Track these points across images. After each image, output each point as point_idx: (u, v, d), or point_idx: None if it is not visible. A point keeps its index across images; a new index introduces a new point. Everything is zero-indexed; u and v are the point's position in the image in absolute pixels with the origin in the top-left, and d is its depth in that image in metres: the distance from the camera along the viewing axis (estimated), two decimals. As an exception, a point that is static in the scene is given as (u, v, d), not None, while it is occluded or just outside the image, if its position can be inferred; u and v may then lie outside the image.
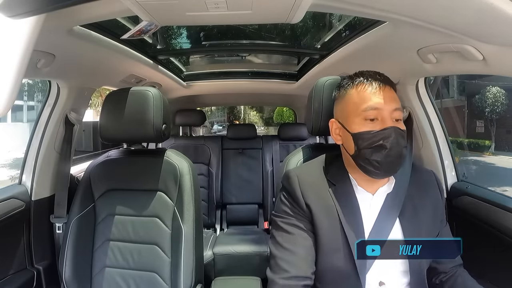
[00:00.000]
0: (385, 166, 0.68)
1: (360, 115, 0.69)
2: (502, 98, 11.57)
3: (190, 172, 1.05)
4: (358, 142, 0.69)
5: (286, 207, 0.75)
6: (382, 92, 0.69)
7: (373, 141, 0.67)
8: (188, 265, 0.98)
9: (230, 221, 2.28)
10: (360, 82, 0.72)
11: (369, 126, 0.68)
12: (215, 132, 15.65)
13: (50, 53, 0.92)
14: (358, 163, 0.70)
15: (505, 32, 0.64)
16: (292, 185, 0.75)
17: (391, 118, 0.68)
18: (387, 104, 0.68)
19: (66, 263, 1.02)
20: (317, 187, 0.74)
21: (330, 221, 0.71)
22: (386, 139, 0.66)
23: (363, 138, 0.68)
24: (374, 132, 0.67)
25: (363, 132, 0.68)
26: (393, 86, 0.72)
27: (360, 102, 0.70)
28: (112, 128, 1.04)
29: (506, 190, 6.54)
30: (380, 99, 0.69)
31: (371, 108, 0.68)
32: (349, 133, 0.71)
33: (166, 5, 0.71)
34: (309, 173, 0.78)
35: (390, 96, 0.70)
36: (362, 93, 0.70)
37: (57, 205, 1.19)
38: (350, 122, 0.71)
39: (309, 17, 1.46)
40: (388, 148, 0.66)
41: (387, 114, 0.68)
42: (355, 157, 0.71)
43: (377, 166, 0.67)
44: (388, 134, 0.67)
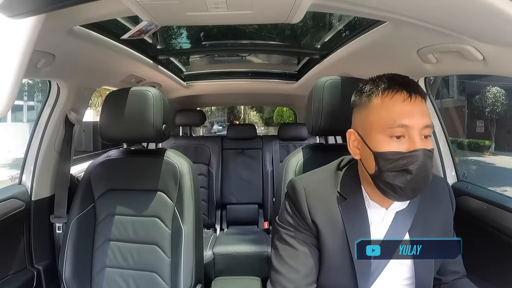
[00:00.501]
0: (407, 192, 0.61)
1: (385, 131, 0.60)
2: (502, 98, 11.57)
3: (190, 172, 1.05)
4: (380, 162, 0.61)
5: (291, 218, 0.70)
6: (413, 105, 0.60)
7: (397, 164, 0.59)
8: (188, 265, 0.98)
9: (230, 221, 2.28)
10: (386, 89, 0.62)
11: (394, 145, 0.60)
12: (215, 132, 15.65)
13: (50, 53, 0.92)
14: (377, 184, 0.63)
15: (505, 32, 0.64)
16: (298, 199, 0.69)
17: (420, 136, 0.60)
18: (418, 120, 0.59)
19: (66, 263, 1.02)
20: (325, 202, 0.69)
21: (336, 238, 0.67)
22: (413, 164, 0.58)
23: (386, 160, 0.60)
24: (401, 155, 0.59)
25: (388, 152, 0.60)
26: (423, 95, 0.62)
27: (386, 116, 0.60)
28: (112, 128, 1.04)
29: (506, 190, 6.54)
30: (410, 114, 0.59)
31: (400, 125, 0.59)
32: (370, 151, 0.62)
33: (166, 5, 0.71)
34: (317, 185, 0.71)
35: (422, 110, 0.60)
36: (389, 105, 0.61)
37: (57, 205, 1.19)
38: (372, 138, 0.62)
39: (309, 17, 1.46)
40: (414, 174, 0.58)
41: (417, 133, 0.59)
42: (375, 178, 0.63)
43: (399, 191, 0.60)
44: (417, 158, 0.58)
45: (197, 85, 2.23)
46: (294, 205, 0.70)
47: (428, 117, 0.61)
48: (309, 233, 0.68)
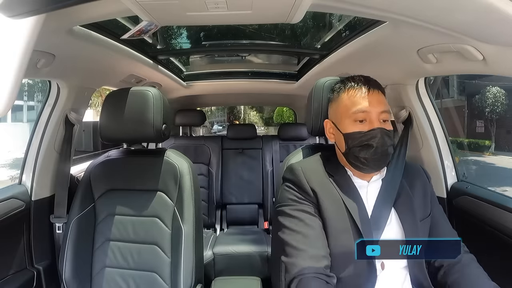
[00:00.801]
0: (372, 163, 0.75)
1: (351, 117, 0.76)
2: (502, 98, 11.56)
3: (190, 172, 1.05)
4: (348, 141, 0.77)
5: (291, 195, 0.79)
6: (370, 96, 0.76)
7: (361, 141, 0.75)
8: (188, 265, 0.98)
9: (230, 221, 2.28)
10: (351, 87, 0.78)
11: (358, 127, 0.76)
12: (215, 132, 15.65)
13: (50, 53, 0.92)
14: (348, 160, 0.78)
15: (505, 32, 0.64)
16: (296, 174, 0.80)
17: (379, 119, 0.75)
18: (375, 107, 0.75)
19: (66, 263, 1.02)
20: (319, 176, 0.80)
21: (334, 204, 0.76)
22: (373, 139, 0.74)
23: (353, 138, 0.76)
24: (363, 133, 0.75)
25: (353, 132, 0.76)
26: (381, 89, 0.78)
27: (350, 105, 0.77)
28: (112, 128, 1.04)
29: (506, 190, 6.54)
30: (368, 102, 0.75)
31: (360, 111, 0.75)
32: (341, 133, 0.78)
33: (166, 5, 0.71)
34: (310, 165, 0.84)
35: (378, 100, 0.76)
36: (352, 97, 0.77)
37: (57, 205, 1.19)
38: (342, 123, 0.79)
39: (309, 17, 1.46)
40: (375, 147, 0.74)
41: (375, 116, 0.75)
42: (346, 155, 0.79)
43: (365, 162, 0.75)
44: (375, 134, 0.74)
45: (197, 85, 2.23)
46: (293, 182, 0.81)
47: (385, 104, 0.77)
48: (310, 203, 0.77)
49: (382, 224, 0.75)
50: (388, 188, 0.79)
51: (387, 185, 0.80)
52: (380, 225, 0.75)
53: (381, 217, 0.76)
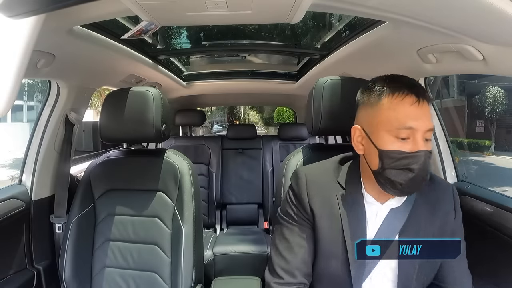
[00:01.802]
0: (406, 189, 0.65)
1: (392, 132, 0.63)
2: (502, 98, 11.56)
3: (190, 172, 1.05)
4: (384, 160, 0.64)
5: (290, 209, 0.74)
6: (420, 109, 0.63)
7: (401, 163, 0.63)
8: (188, 265, 0.98)
9: (230, 221, 2.28)
10: (396, 92, 0.64)
11: (399, 145, 0.63)
12: (215, 132, 15.65)
13: (50, 53, 0.92)
14: (378, 180, 0.66)
15: (505, 32, 0.64)
16: (299, 185, 0.73)
17: (423, 138, 0.63)
18: (423, 123, 0.62)
19: (66, 263, 1.02)
20: (325, 190, 0.72)
21: (332, 227, 0.70)
22: (415, 164, 0.62)
23: (391, 158, 0.63)
24: (405, 154, 0.62)
25: (393, 151, 0.63)
26: (429, 100, 0.65)
27: (394, 117, 0.63)
28: (112, 128, 1.04)
29: (506, 190, 6.54)
30: (417, 117, 0.62)
31: (406, 127, 0.62)
32: (376, 148, 0.65)
33: (166, 5, 0.71)
34: (319, 173, 0.75)
35: (427, 114, 0.63)
36: (398, 107, 0.63)
37: (57, 205, 1.19)
38: (378, 136, 0.65)
39: (309, 17, 1.46)
40: (415, 173, 0.62)
41: (421, 135, 0.63)
42: (377, 173, 0.66)
43: (399, 187, 0.64)
44: (419, 158, 0.62)
45: (197, 85, 2.23)
46: (295, 193, 0.74)
47: (431, 121, 0.64)
48: (306, 223, 0.72)
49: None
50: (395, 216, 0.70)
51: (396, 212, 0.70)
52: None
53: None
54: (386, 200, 0.70)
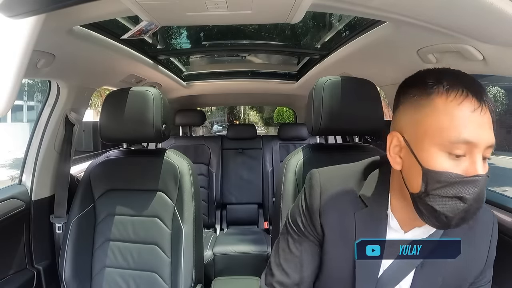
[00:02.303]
0: (453, 222, 0.49)
1: (444, 146, 0.48)
2: (502, 98, 11.58)
3: (190, 172, 1.05)
4: (430, 183, 0.49)
5: (300, 219, 0.64)
6: (483, 118, 0.47)
7: (452, 190, 0.47)
8: (188, 265, 0.98)
9: (230, 221, 2.28)
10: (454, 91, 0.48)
11: (451, 164, 0.48)
12: (215, 132, 15.65)
13: (50, 53, 0.92)
14: (417, 207, 0.52)
15: (505, 32, 0.64)
16: (312, 196, 0.62)
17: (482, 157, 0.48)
18: (486, 137, 0.47)
19: (66, 263, 1.02)
20: (341, 205, 0.60)
21: (342, 250, 0.60)
22: (471, 192, 0.47)
23: (439, 181, 0.48)
24: (460, 178, 0.47)
25: (444, 173, 0.48)
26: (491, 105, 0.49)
27: (449, 126, 0.47)
28: (112, 128, 1.04)
29: (506, 190, 6.54)
30: (479, 129, 0.47)
31: (464, 141, 0.47)
32: (420, 165, 0.50)
33: (166, 5, 0.71)
34: (337, 182, 0.62)
35: (490, 125, 0.48)
36: (455, 113, 0.47)
37: (57, 205, 1.19)
38: (424, 149, 0.50)
39: (309, 17, 1.46)
40: (469, 204, 0.47)
41: (480, 153, 0.48)
42: (417, 198, 0.51)
43: (443, 220, 0.49)
44: (476, 185, 0.47)
45: (197, 85, 2.23)
46: (307, 203, 0.63)
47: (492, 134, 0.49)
48: (314, 239, 0.63)
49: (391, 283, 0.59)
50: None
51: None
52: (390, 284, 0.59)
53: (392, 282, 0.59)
54: (411, 227, 0.58)
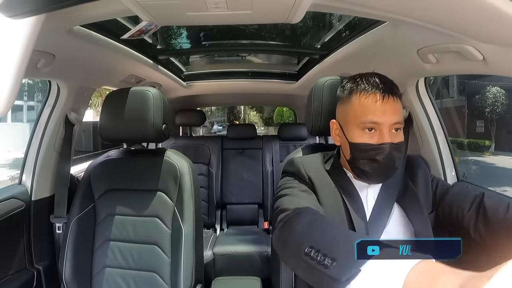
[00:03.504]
0: (375, 177, 0.72)
1: (359, 126, 0.70)
2: (502, 98, 11.56)
3: (190, 172, 1.05)
4: (354, 151, 0.72)
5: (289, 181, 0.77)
6: (384, 105, 0.68)
7: (368, 154, 0.70)
8: (188, 265, 0.98)
9: (230, 221, 2.28)
10: (363, 89, 0.71)
11: (366, 137, 0.70)
12: (215, 132, 15.65)
13: (50, 53, 0.92)
14: (352, 168, 0.75)
15: (505, 32, 0.64)
16: (296, 166, 0.79)
17: (390, 130, 0.69)
18: (388, 117, 0.68)
19: (66, 263, 1.02)
20: (319, 172, 0.78)
21: (332, 197, 0.74)
22: (380, 155, 0.69)
23: (359, 149, 0.71)
24: (370, 146, 0.69)
25: (360, 143, 0.70)
26: (397, 94, 0.71)
27: (360, 113, 0.70)
28: (112, 128, 1.04)
29: (506, 190, 6.54)
30: (381, 112, 0.68)
31: (370, 121, 0.69)
32: (347, 140, 0.73)
33: (166, 5, 0.71)
34: (309, 160, 0.82)
35: (393, 109, 0.69)
36: (364, 104, 0.70)
37: (57, 205, 1.19)
38: (349, 130, 0.73)
39: (309, 17, 1.46)
40: (381, 163, 0.69)
41: (386, 128, 0.69)
42: (350, 163, 0.75)
43: (369, 175, 0.71)
44: (383, 149, 0.68)
45: (197, 85, 2.23)
46: (292, 173, 0.79)
47: (399, 115, 0.70)
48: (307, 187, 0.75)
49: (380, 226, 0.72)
50: (388, 190, 0.76)
51: (387, 187, 0.76)
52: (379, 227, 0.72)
53: (380, 220, 0.72)
54: None
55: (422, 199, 0.77)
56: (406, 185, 0.77)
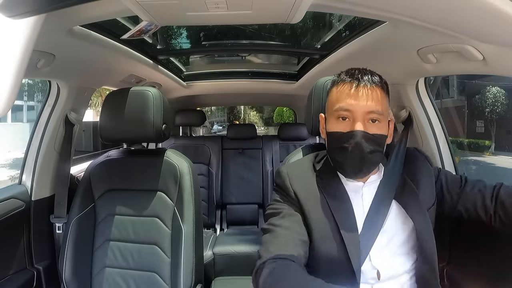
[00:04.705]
0: (347, 168, 0.71)
1: (333, 114, 0.71)
2: (502, 98, 11.56)
3: (190, 172, 1.05)
4: (329, 141, 0.73)
5: (277, 195, 0.77)
6: (358, 92, 0.68)
7: (338, 142, 0.70)
8: (188, 265, 0.98)
9: (230, 221, 2.28)
10: (341, 80, 0.72)
11: (340, 126, 0.70)
12: (215, 132, 15.65)
13: (50, 53, 0.92)
14: (332, 162, 0.75)
15: (505, 32, 0.64)
16: (282, 179, 0.77)
17: (365, 119, 0.68)
18: (361, 105, 0.68)
19: (66, 263, 1.02)
20: (306, 180, 0.76)
21: (319, 210, 0.72)
22: (348, 142, 0.68)
23: (332, 137, 0.71)
24: (340, 133, 0.69)
25: (333, 132, 0.71)
26: (379, 85, 0.70)
27: (335, 101, 0.71)
28: (112, 128, 1.04)
29: (506, 190, 6.51)
30: (353, 99, 0.68)
31: (342, 108, 0.69)
32: (325, 132, 0.75)
33: (166, 5, 0.71)
34: (298, 168, 0.80)
35: (368, 96, 0.68)
36: (340, 93, 0.71)
37: (57, 205, 1.19)
38: (328, 120, 0.74)
39: (309, 17, 1.46)
40: (350, 151, 0.68)
41: (359, 116, 0.68)
42: (328, 154, 0.76)
43: (342, 166, 0.71)
44: (352, 136, 0.68)
45: (197, 85, 2.23)
46: (280, 187, 0.78)
47: (376, 103, 0.68)
48: (293, 206, 0.74)
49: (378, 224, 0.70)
50: (386, 187, 0.73)
51: (385, 184, 0.74)
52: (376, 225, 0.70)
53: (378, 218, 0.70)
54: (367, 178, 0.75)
55: (422, 194, 0.75)
56: (404, 181, 0.76)
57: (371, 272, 0.69)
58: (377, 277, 0.69)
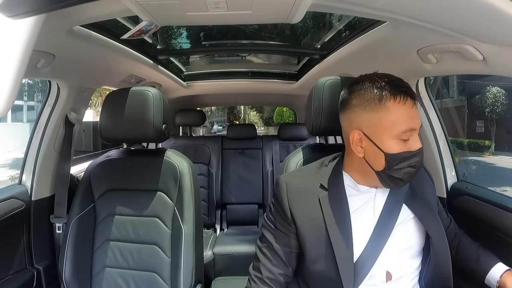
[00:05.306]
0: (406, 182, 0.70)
1: (398, 135, 0.66)
2: (502, 98, 11.57)
3: (190, 172, 1.05)
4: (391, 162, 0.67)
5: (272, 215, 0.77)
6: (415, 110, 0.68)
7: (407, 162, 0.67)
8: (188, 265, 0.98)
9: (230, 221, 2.28)
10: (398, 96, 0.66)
11: (402, 146, 0.67)
12: (215, 132, 15.65)
13: (50, 53, 0.92)
14: (382, 179, 0.69)
15: (505, 32, 0.64)
16: (280, 193, 0.75)
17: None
18: (418, 122, 0.68)
19: (66, 263, 1.02)
20: (305, 195, 0.74)
21: (315, 229, 0.71)
22: (416, 161, 0.67)
23: (398, 159, 0.66)
24: (410, 154, 0.66)
25: (401, 153, 0.66)
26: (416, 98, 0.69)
27: (400, 122, 0.66)
28: (112, 128, 1.04)
29: (506, 190, 6.54)
30: (416, 119, 0.67)
31: (409, 129, 0.66)
32: (381, 152, 0.67)
33: (166, 5, 0.71)
34: (300, 178, 0.78)
35: (418, 113, 0.69)
36: (401, 112, 0.66)
37: (57, 205, 1.19)
38: (383, 140, 0.67)
39: (309, 17, 1.46)
40: (417, 168, 0.68)
41: (416, 132, 0.68)
42: (381, 174, 0.69)
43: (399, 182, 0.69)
44: (417, 155, 0.67)
45: (197, 85, 2.23)
46: (277, 200, 0.76)
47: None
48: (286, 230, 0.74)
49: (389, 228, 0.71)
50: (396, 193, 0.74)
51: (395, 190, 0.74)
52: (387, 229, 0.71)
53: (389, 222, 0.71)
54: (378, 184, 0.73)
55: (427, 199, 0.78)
56: (412, 187, 0.76)
57: (380, 274, 0.70)
58: (386, 279, 0.70)
